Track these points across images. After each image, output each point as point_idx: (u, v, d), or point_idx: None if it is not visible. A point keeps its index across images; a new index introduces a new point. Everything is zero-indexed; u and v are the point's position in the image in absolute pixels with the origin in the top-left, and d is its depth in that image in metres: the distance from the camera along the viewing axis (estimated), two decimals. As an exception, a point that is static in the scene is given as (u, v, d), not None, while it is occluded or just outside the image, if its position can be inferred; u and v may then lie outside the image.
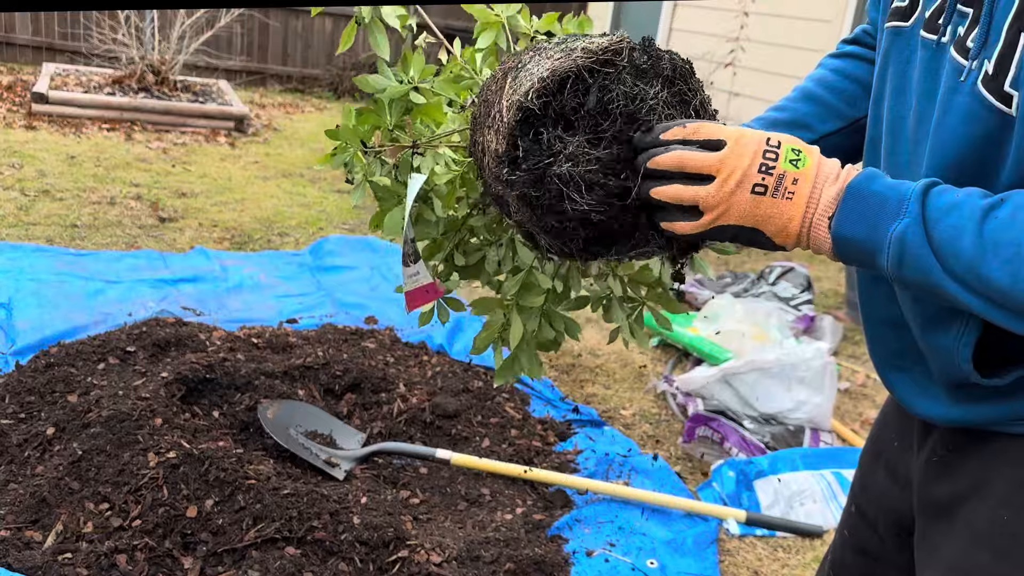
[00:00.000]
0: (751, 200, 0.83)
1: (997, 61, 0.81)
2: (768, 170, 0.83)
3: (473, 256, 1.08)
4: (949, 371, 0.93)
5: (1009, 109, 0.81)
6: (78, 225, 4.30)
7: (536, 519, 2.43)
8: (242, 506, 2.15)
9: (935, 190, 0.81)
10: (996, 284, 0.76)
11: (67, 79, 7.09)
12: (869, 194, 0.82)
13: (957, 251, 0.77)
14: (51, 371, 2.70)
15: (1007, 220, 0.76)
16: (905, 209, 0.80)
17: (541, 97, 0.86)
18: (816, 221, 0.83)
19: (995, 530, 0.92)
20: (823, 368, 3.01)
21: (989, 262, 0.76)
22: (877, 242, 0.81)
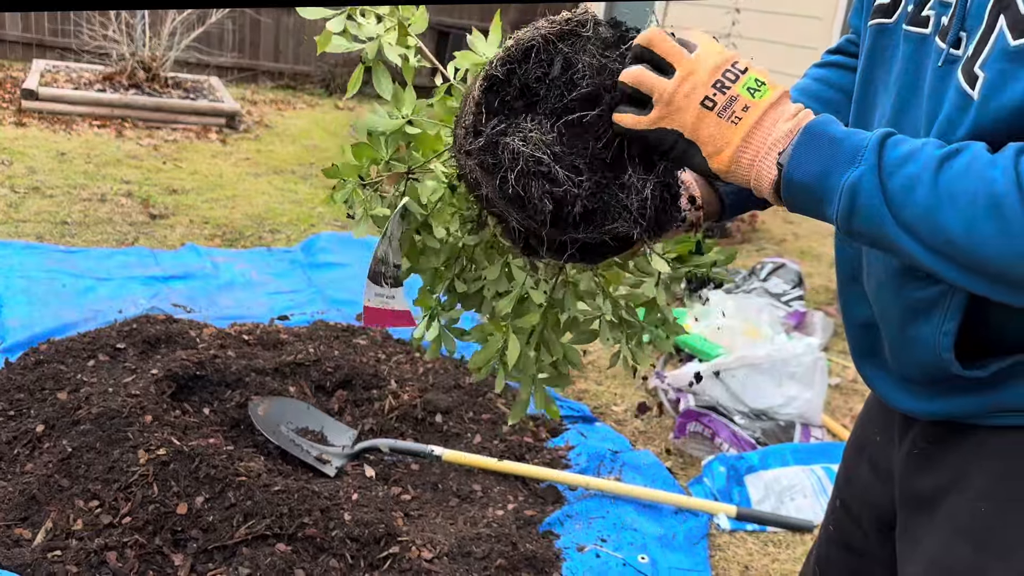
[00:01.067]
0: (697, 111, 0.81)
1: (976, 44, 0.81)
2: (722, 87, 0.81)
3: (473, 285, 1.09)
4: (929, 364, 0.93)
5: (972, 91, 0.80)
6: (68, 222, 4.28)
7: (527, 515, 2.43)
8: (233, 503, 2.15)
9: (891, 139, 0.79)
10: (949, 234, 0.74)
11: (57, 76, 7.06)
12: (825, 137, 0.80)
13: (912, 201, 0.76)
14: (41, 368, 2.69)
15: (962, 170, 0.74)
16: (861, 157, 0.78)
17: (505, 65, 0.86)
18: (764, 156, 0.81)
19: (975, 523, 0.92)
20: (814, 364, 3.02)
21: (944, 212, 0.74)
22: (828, 189, 0.79)
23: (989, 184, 0.72)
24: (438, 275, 1.10)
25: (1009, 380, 0.89)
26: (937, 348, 0.91)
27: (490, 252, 1.08)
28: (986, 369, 0.90)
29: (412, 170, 1.05)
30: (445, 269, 1.09)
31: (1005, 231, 0.71)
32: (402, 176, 1.05)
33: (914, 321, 0.92)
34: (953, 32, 0.85)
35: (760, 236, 5.71)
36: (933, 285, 0.89)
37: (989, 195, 0.72)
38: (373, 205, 1.06)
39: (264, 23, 9.02)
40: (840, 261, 1.08)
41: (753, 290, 4.26)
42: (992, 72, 0.78)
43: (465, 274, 1.10)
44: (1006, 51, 0.77)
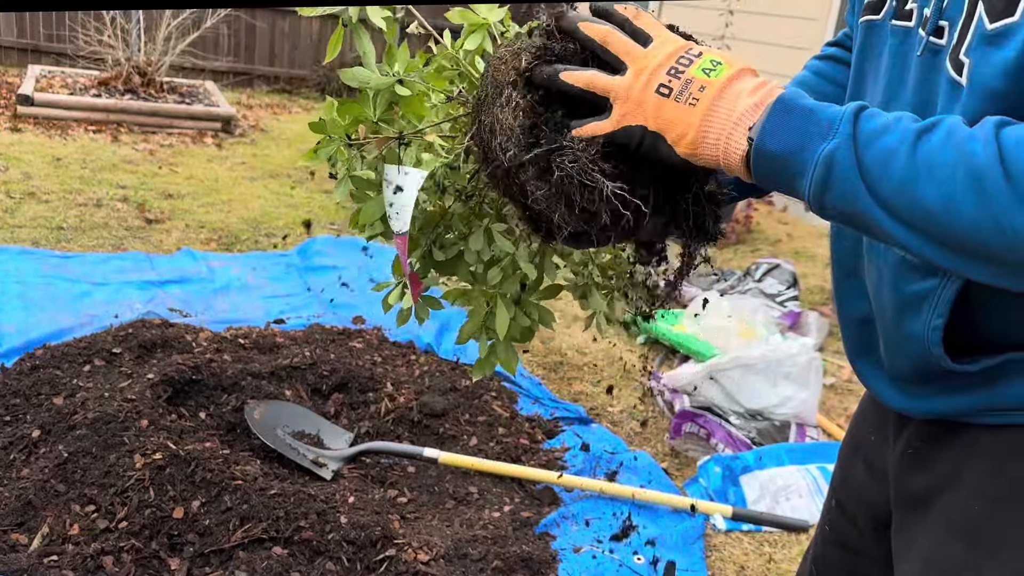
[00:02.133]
0: (656, 101, 0.79)
1: (959, 32, 0.82)
2: (677, 73, 0.79)
3: (451, 250, 1.05)
4: (921, 359, 0.93)
5: (960, 78, 0.81)
6: (64, 227, 4.28)
7: (524, 516, 2.43)
8: (229, 507, 2.15)
9: (866, 112, 0.77)
10: (927, 207, 0.72)
11: (53, 81, 7.06)
12: (797, 109, 0.77)
13: (888, 174, 0.74)
14: (37, 373, 2.69)
15: (941, 142, 0.72)
16: (835, 130, 0.76)
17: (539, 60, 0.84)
18: (731, 129, 0.78)
19: (967, 521, 0.93)
20: (808, 364, 3.03)
21: (922, 185, 0.72)
22: (801, 163, 0.77)
23: (969, 157, 0.70)
24: (413, 241, 1.05)
25: (1000, 378, 0.90)
26: (927, 343, 0.91)
27: (470, 217, 1.04)
28: (976, 364, 0.90)
29: (403, 135, 1.00)
30: (420, 235, 1.05)
31: (985, 204, 0.70)
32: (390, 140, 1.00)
33: (907, 316, 0.93)
34: (932, 21, 0.86)
35: (755, 237, 5.73)
36: (927, 279, 0.89)
37: (970, 168, 0.70)
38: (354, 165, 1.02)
39: (259, 27, 9.03)
40: (837, 256, 1.08)
41: (748, 291, 4.27)
42: (975, 57, 0.79)
43: (442, 239, 1.06)
44: (984, 35, 0.78)
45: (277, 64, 9.28)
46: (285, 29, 9.17)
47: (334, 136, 1.00)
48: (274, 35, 9.16)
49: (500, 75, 0.88)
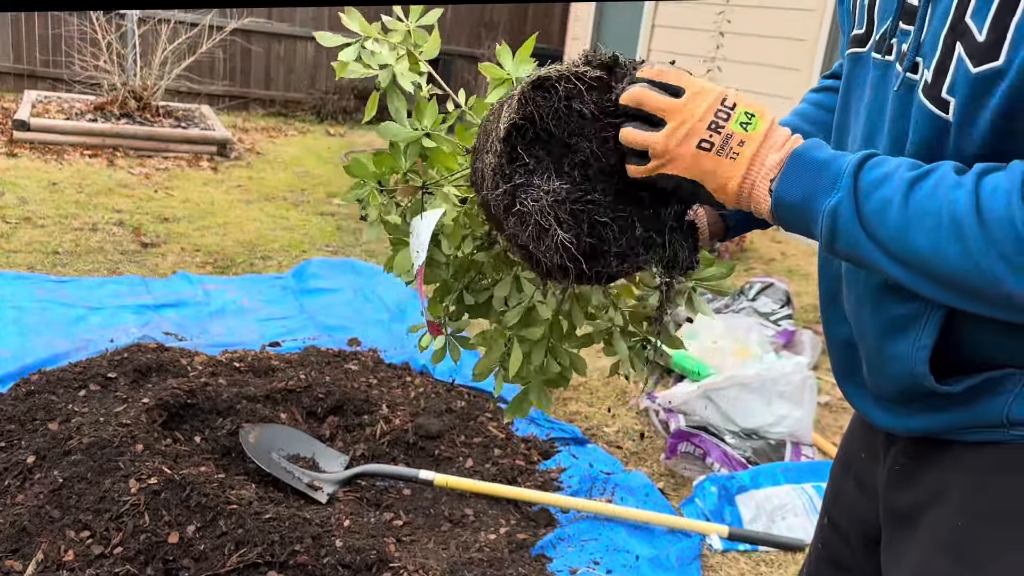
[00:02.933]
0: (695, 154, 0.86)
1: (935, 69, 0.85)
2: (717, 128, 0.86)
3: (482, 295, 1.13)
4: (905, 380, 0.95)
5: (947, 115, 0.84)
6: (60, 252, 4.29)
7: (520, 538, 2.43)
8: (224, 531, 2.15)
9: (869, 164, 0.84)
10: (919, 252, 0.79)
11: (48, 106, 7.09)
12: (809, 163, 0.85)
13: (884, 223, 0.80)
14: (32, 399, 2.69)
15: (930, 192, 0.79)
16: (839, 183, 0.83)
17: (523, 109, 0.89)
18: (758, 182, 0.86)
19: (953, 537, 0.94)
20: (803, 382, 3.04)
21: (913, 232, 0.79)
22: (813, 212, 0.84)
23: (952, 205, 0.77)
24: (446, 287, 1.13)
25: (980, 396, 0.92)
26: (912, 363, 0.93)
27: (499, 264, 1.11)
28: (959, 385, 0.92)
29: (427, 185, 1.08)
30: (454, 281, 1.12)
31: (965, 249, 0.76)
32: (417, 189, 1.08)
33: (891, 337, 0.95)
34: (909, 57, 0.89)
35: (748, 256, 5.75)
36: (912, 301, 0.92)
37: (952, 215, 0.77)
38: (388, 210, 1.09)
39: (255, 51, 9.09)
40: (823, 280, 1.11)
41: (742, 309, 4.29)
42: (960, 97, 0.82)
43: (473, 285, 1.13)
44: (968, 78, 0.81)
45: (273, 88, 9.33)
46: (280, 53, 9.23)
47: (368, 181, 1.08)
48: (269, 59, 9.22)
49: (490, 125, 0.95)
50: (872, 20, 0.98)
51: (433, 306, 1.15)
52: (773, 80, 6.38)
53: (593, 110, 0.91)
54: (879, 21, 0.96)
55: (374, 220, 1.09)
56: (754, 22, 6.61)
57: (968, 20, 0.81)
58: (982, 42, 0.79)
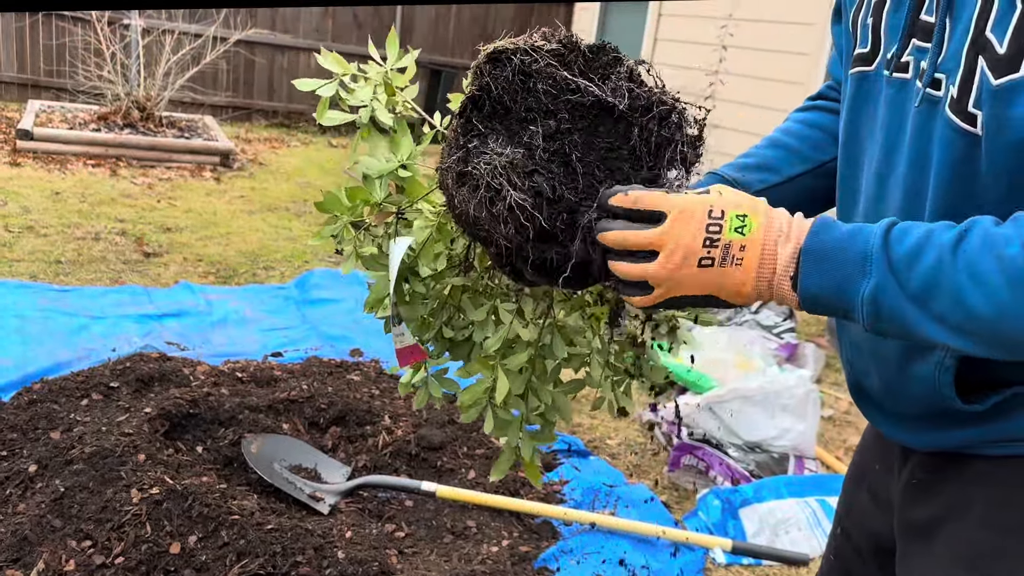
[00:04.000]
0: (698, 273, 0.82)
1: (960, 86, 0.84)
2: (713, 243, 0.82)
3: (461, 332, 1.10)
4: (928, 400, 0.95)
5: (975, 128, 0.83)
6: (62, 261, 4.29)
7: (522, 551, 2.42)
8: (226, 542, 2.14)
9: (894, 234, 0.80)
10: (980, 316, 0.76)
11: (52, 116, 7.11)
12: (828, 253, 0.81)
13: (936, 294, 0.77)
14: (34, 408, 2.69)
15: (978, 251, 0.76)
16: (870, 267, 0.79)
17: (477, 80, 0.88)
18: (778, 283, 0.83)
19: (974, 550, 0.93)
20: (806, 396, 3.03)
21: (971, 296, 0.76)
22: (848, 301, 0.81)
23: (1011, 262, 0.74)
24: (426, 324, 1.11)
25: (1006, 412, 0.91)
26: (937, 384, 0.92)
27: (477, 298, 1.09)
28: (985, 403, 0.92)
29: (402, 211, 1.07)
30: (433, 318, 1.10)
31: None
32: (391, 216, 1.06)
33: (915, 359, 0.95)
34: (929, 74, 0.88)
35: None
36: None
37: (1012, 276, 0.74)
38: (364, 244, 1.08)
39: (258, 63, 9.12)
40: None
41: (745, 322, 4.28)
42: (987, 110, 0.82)
43: (453, 321, 1.11)
44: (991, 91, 0.81)
45: (275, 99, 9.36)
46: (284, 64, 9.26)
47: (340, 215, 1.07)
48: (272, 70, 9.25)
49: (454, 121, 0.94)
50: (878, 38, 0.97)
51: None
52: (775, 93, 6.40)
53: (549, 86, 0.88)
54: (888, 39, 0.96)
55: (350, 254, 1.08)
56: (756, 36, 6.63)
57: (988, 34, 0.81)
58: (1003, 55, 0.79)
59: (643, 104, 0.91)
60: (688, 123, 0.93)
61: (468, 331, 1.10)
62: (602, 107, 0.89)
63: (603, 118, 0.90)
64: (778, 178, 1.16)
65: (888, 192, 0.96)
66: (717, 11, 6.89)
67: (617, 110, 0.89)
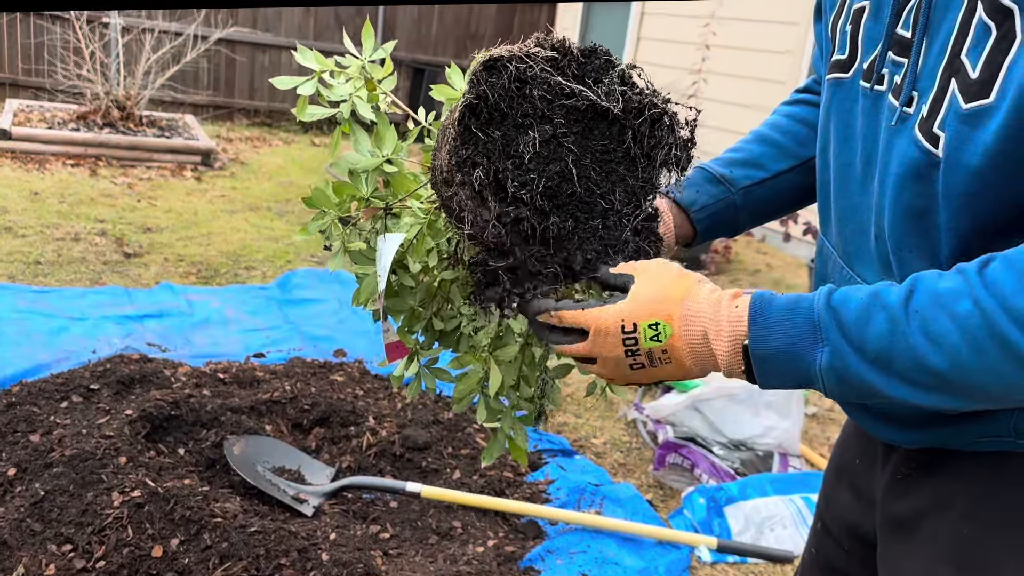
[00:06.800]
0: (637, 373, 0.90)
1: (931, 105, 0.85)
2: (635, 353, 0.88)
3: (451, 323, 1.11)
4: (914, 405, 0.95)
5: (936, 150, 0.84)
6: (41, 262, 4.24)
7: (508, 551, 2.41)
8: (208, 545, 2.11)
9: (835, 300, 0.82)
10: (942, 374, 0.77)
11: (31, 115, 7.03)
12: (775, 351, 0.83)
13: (896, 356, 0.79)
14: (12, 411, 2.65)
15: (930, 310, 0.77)
16: (821, 336, 0.81)
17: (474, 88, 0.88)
18: (728, 370, 0.86)
19: (956, 544, 0.94)
20: (790, 393, 3.04)
21: (932, 357, 0.77)
22: (806, 378, 0.83)
23: (965, 320, 0.75)
24: (415, 315, 1.11)
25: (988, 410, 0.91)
26: None
27: (466, 289, 1.09)
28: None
29: (389, 206, 1.06)
30: (423, 308, 1.10)
31: (989, 368, 0.75)
32: (379, 212, 1.06)
33: None
34: (905, 92, 0.88)
35: (734, 267, 5.77)
36: None
37: (966, 331, 0.75)
38: (352, 239, 1.07)
39: (239, 61, 9.06)
40: None
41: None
42: (951, 132, 0.82)
43: (442, 312, 1.11)
44: (959, 113, 0.81)
45: (257, 98, 9.30)
46: (265, 63, 9.20)
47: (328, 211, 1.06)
48: (254, 69, 9.19)
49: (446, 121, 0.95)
50: (856, 47, 0.97)
51: (402, 335, 1.13)
52: (758, 92, 6.42)
53: (544, 91, 0.89)
54: (864, 49, 0.96)
55: (338, 250, 1.08)
56: (739, 35, 6.66)
57: (963, 57, 0.81)
58: (975, 79, 0.79)
59: (636, 107, 0.93)
60: (680, 125, 0.95)
61: (457, 321, 1.11)
62: (596, 111, 0.91)
63: (597, 121, 0.92)
64: (764, 174, 1.19)
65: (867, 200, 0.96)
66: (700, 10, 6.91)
67: (611, 113, 0.91)
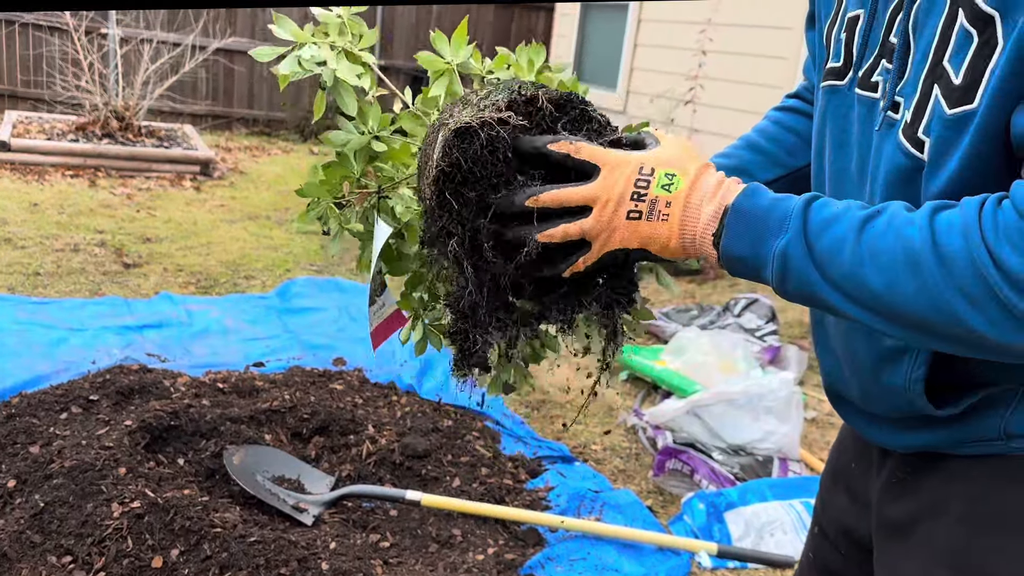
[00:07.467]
0: (628, 224, 0.86)
1: (914, 111, 0.86)
2: (640, 197, 0.86)
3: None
4: (903, 407, 0.96)
5: (921, 154, 0.85)
6: (41, 273, 4.25)
7: (508, 559, 2.41)
8: (208, 555, 2.12)
9: (816, 204, 0.83)
10: (873, 290, 0.78)
11: (30, 127, 7.05)
12: (751, 212, 0.84)
13: (838, 261, 0.80)
14: (12, 422, 2.65)
15: (883, 229, 0.78)
16: (787, 225, 0.83)
17: (447, 156, 0.89)
18: (700, 239, 0.86)
19: (952, 547, 0.94)
20: (789, 398, 3.04)
21: (867, 270, 0.78)
22: (761, 258, 0.84)
23: (907, 242, 0.77)
24: (416, 276, 1.11)
25: (980, 412, 0.92)
26: (909, 394, 0.94)
27: None
28: (958, 406, 0.93)
29: (382, 189, 1.06)
30: (424, 269, 1.10)
31: (923, 287, 0.76)
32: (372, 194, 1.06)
33: (886, 368, 0.96)
34: (890, 96, 0.90)
35: (734, 272, 5.77)
36: None
37: (907, 252, 0.76)
38: (348, 219, 1.07)
39: (238, 71, 9.08)
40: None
41: (727, 326, 4.30)
42: (935, 136, 0.83)
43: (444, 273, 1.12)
44: (943, 119, 0.82)
45: (256, 107, 9.32)
46: (264, 73, 9.22)
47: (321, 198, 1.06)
48: (252, 78, 9.21)
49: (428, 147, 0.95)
50: (850, 54, 0.98)
51: (405, 298, 1.13)
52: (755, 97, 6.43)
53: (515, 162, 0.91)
54: (859, 57, 0.97)
55: (336, 232, 1.08)
56: (736, 41, 6.67)
57: (946, 64, 0.82)
58: (958, 85, 0.80)
59: None
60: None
61: None
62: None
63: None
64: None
65: None
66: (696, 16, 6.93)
67: None
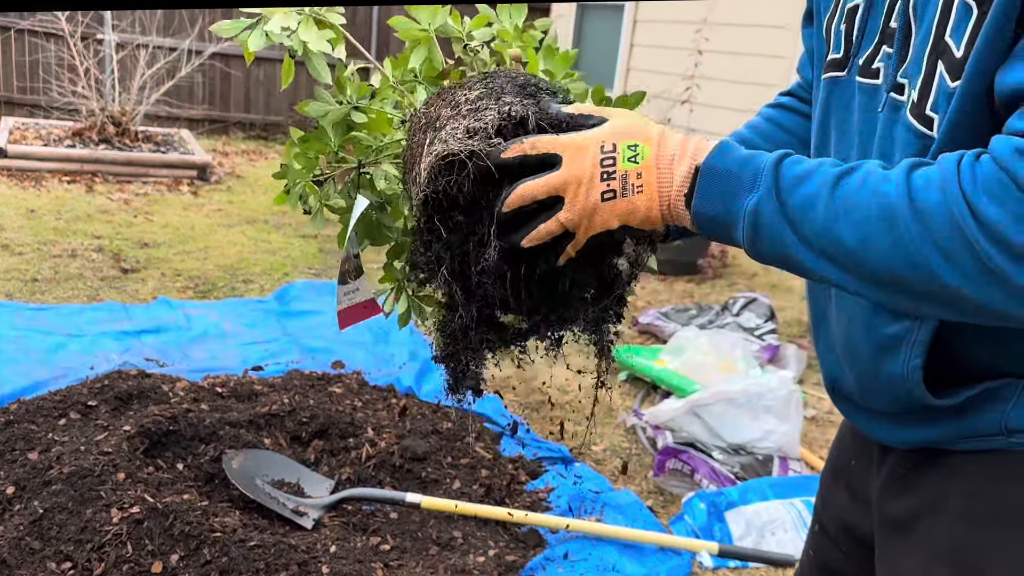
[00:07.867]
0: (605, 206, 0.85)
1: (920, 89, 0.86)
2: (611, 176, 0.84)
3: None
4: (904, 398, 0.95)
5: (931, 132, 0.84)
6: (38, 279, 4.24)
7: (509, 560, 2.41)
8: (208, 560, 2.11)
9: (788, 160, 0.82)
10: (847, 246, 0.77)
11: (26, 133, 7.04)
12: (723, 171, 0.83)
13: (810, 217, 0.79)
14: (10, 429, 2.65)
15: (857, 185, 0.77)
16: (759, 182, 0.81)
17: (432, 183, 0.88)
18: (674, 202, 0.85)
19: (952, 543, 0.94)
20: (789, 396, 3.04)
21: (841, 226, 0.77)
22: (732, 216, 0.83)
23: (883, 198, 0.75)
24: (399, 247, 1.08)
25: (980, 406, 0.92)
26: (908, 383, 0.93)
27: None
28: (957, 397, 0.92)
29: (363, 164, 1.03)
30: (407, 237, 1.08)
31: (897, 242, 0.74)
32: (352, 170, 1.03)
33: (885, 358, 0.95)
34: (892, 78, 0.90)
35: (731, 271, 5.77)
36: (900, 320, 0.92)
37: (882, 208, 0.75)
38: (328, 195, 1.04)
39: (234, 76, 9.08)
40: (811, 301, 1.11)
41: (726, 325, 4.29)
42: (942, 113, 0.83)
43: None
44: (947, 93, 0.82)
45: (252, 111, 9.32)
46: (260, 77, 9.22)
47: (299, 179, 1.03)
48: (249, 83, 9.21)
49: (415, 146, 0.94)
50: (851, 44, 0.98)
51: (387, 269, 1.10)
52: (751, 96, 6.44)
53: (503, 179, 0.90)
54: (860, 46, 0.97)
55: (317, 209, 1.04)
56: (732, 40, 6.68)
57: (948, 39, 0.82)
58: (960, 58, 0.80)
59: None
60: None
61: None
62: None
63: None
64: None
65: None
66: (692, 16, 6.94)
67: None
